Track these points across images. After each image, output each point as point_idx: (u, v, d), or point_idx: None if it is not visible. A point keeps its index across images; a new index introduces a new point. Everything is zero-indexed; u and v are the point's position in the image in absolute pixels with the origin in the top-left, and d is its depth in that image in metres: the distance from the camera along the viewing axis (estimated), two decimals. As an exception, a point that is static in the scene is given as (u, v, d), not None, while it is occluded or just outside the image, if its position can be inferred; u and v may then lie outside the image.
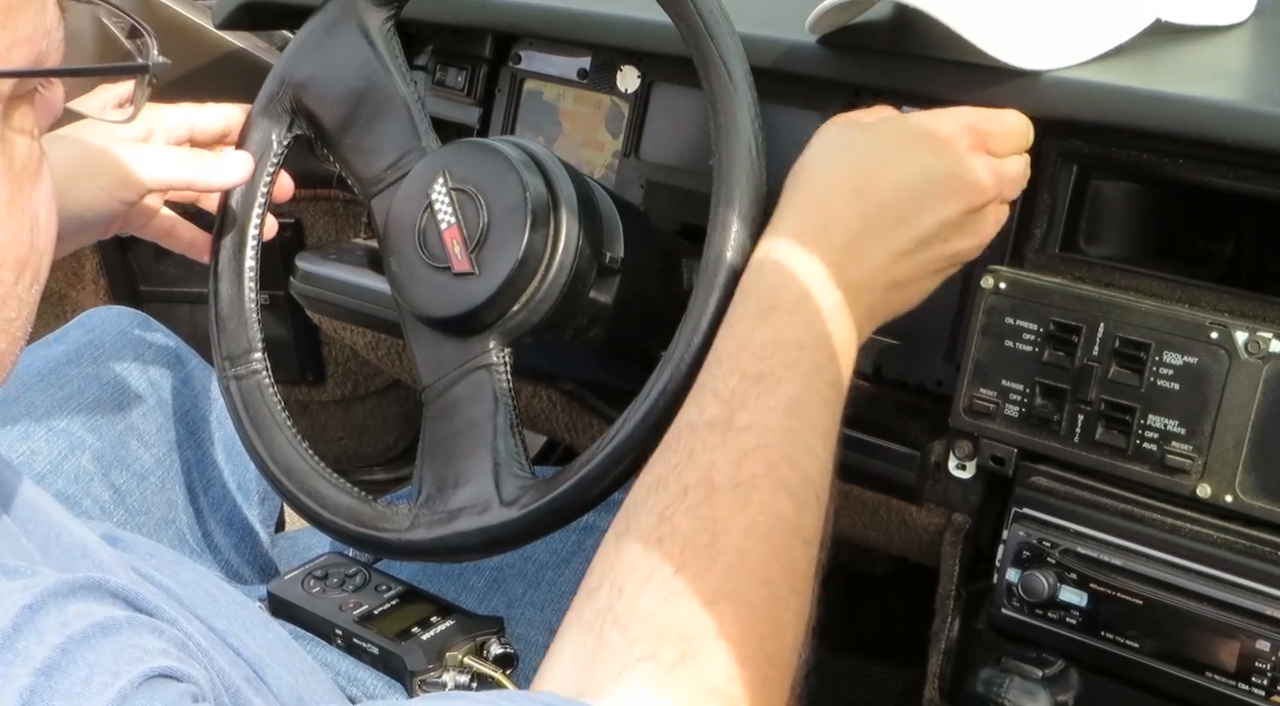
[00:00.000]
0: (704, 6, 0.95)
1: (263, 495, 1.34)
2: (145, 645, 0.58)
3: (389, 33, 1.15)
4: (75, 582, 0.58)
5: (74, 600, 0.58)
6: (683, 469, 0.80)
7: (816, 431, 0.84)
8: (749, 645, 0.74)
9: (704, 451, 0.81)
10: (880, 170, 0.91)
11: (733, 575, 0.76)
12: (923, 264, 0.93)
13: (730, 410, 0.82)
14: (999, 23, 0.99)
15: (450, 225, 1.05)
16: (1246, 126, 0.93)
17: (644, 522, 0.78)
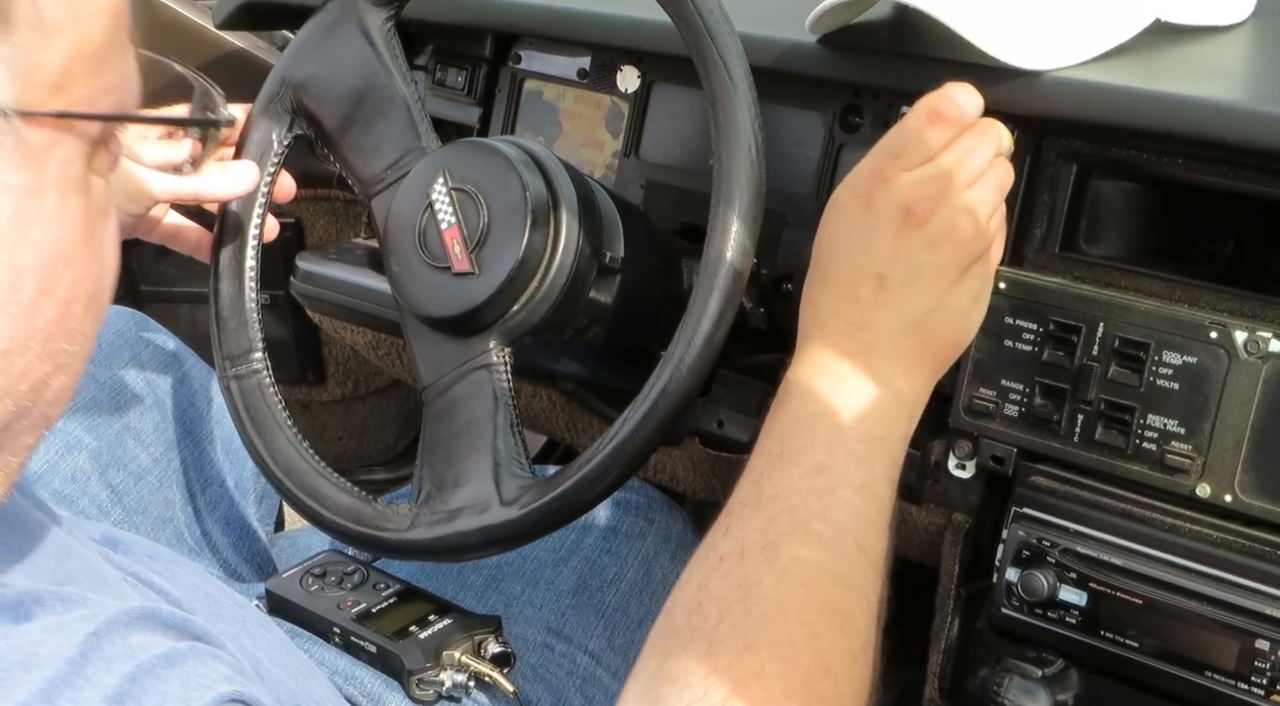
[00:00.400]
0: (704, 6, 0.95)
1: (260, 494, 1.35)
2: (210, 673, 0.60)
3: (389, 33, 1.15)
4: (132, 613, 0.60)
5: (134, 630, 0.60)
6: (719, 543, 0.84)
7: (849, 486, 0.86)
8: (795, 682, 0.76)
9: (737, 525, 0.85)
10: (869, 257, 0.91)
11: (770, 621, 0.79)
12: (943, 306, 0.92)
13: (759, 488, 0.86)
14: (999, 23, 0.99)
15: (450, 225, 1.05)
16: (1246, 126, 0.93)
17: (685, 594, 0.83)
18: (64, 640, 0.57)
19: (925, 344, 0.92)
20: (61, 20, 0.53)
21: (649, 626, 1.19)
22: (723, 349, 0.94)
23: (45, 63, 0.53)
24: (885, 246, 0.91)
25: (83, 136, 0.56)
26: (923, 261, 0.91)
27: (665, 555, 1.26)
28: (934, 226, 0.91)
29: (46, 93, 0.53)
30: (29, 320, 0.56)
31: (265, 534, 1.35)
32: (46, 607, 0.59)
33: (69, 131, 0.55)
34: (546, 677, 1.13)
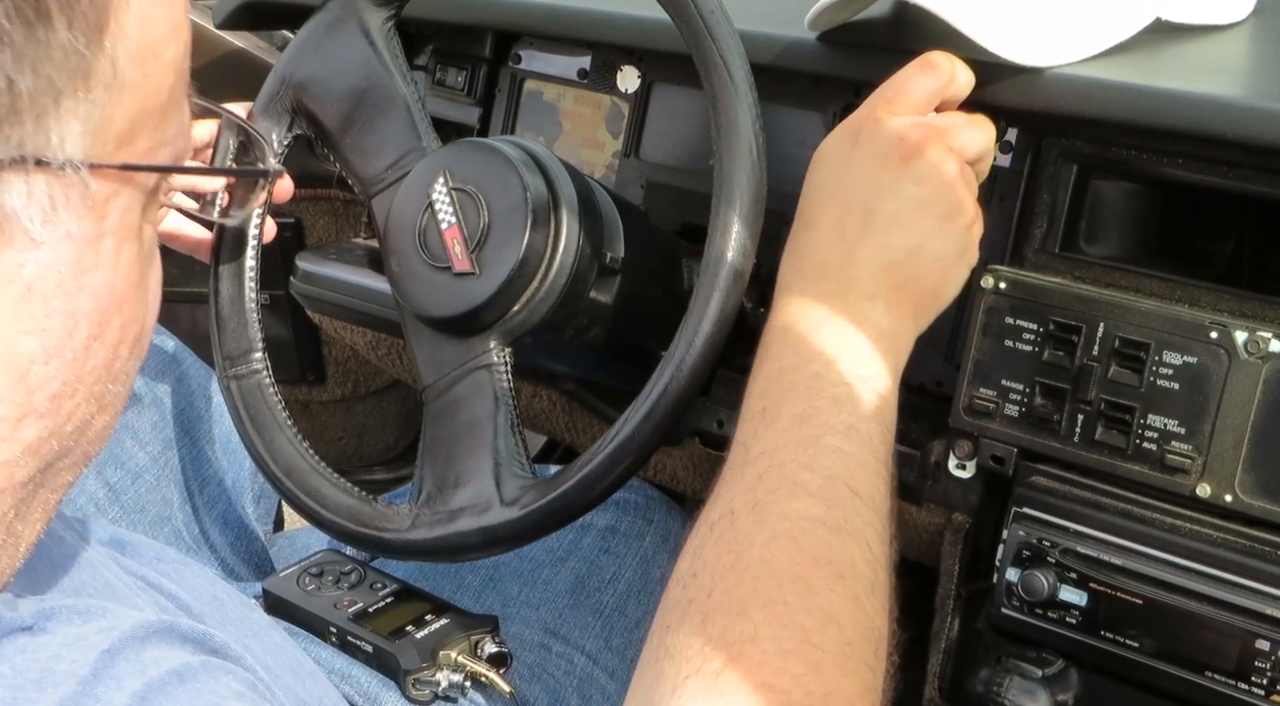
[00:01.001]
0: (704, 6, 0.95)
1: (258, 493, 1.35)
2: (220, 690, 0.60)
3: (389, 33, 1.15)
4: (150, 626, 0.61)
5: (150, 645, 0.60)
6: (710, 510, 0.84)
7: (835, 431, 0.85)
8: (792, 639, 0.75)
9: (725, 489, 0.84)
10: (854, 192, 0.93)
11: (762, 583, 0.78)
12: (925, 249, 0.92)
13: (745, 448, 0.86)
14: (999, 19, 0.99)
15: (451, 225, 1.05)
16: (1246, 122, 0.93)
17: (681, 566, 0.82)
18: (79, 656, 0.57)
19: (904, 285, 0.92)
20: (134, 78, 0.55)
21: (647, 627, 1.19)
22: (723, 349, 0.94)
23: (115, 118, 0.54)
24: (873, 178, 0.91)
25: (141, 187, 0.58)
26: (910, 194, 0.91)
27: (664, 555, 1.26)
28: (923, 162, 0.92)
29: (113, 146, 0.55)
30: (81, 364, 0.57)
31: (263, 533, 1.35)
32: (63, 621, 0.60)
33: (130, 183, 0.57)
34: (543, 677, 1.13)
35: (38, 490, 0.59)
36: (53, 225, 0.54)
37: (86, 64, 0.52)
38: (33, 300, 0.54)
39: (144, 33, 0.54)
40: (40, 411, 0.56)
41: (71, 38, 0.51)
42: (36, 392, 0.56)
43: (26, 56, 0.50)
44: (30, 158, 0.52)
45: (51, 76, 0.51)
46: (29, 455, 0.57)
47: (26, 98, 0.51)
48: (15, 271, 0.53)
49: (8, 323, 0.54)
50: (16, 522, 0.59)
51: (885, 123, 0.93)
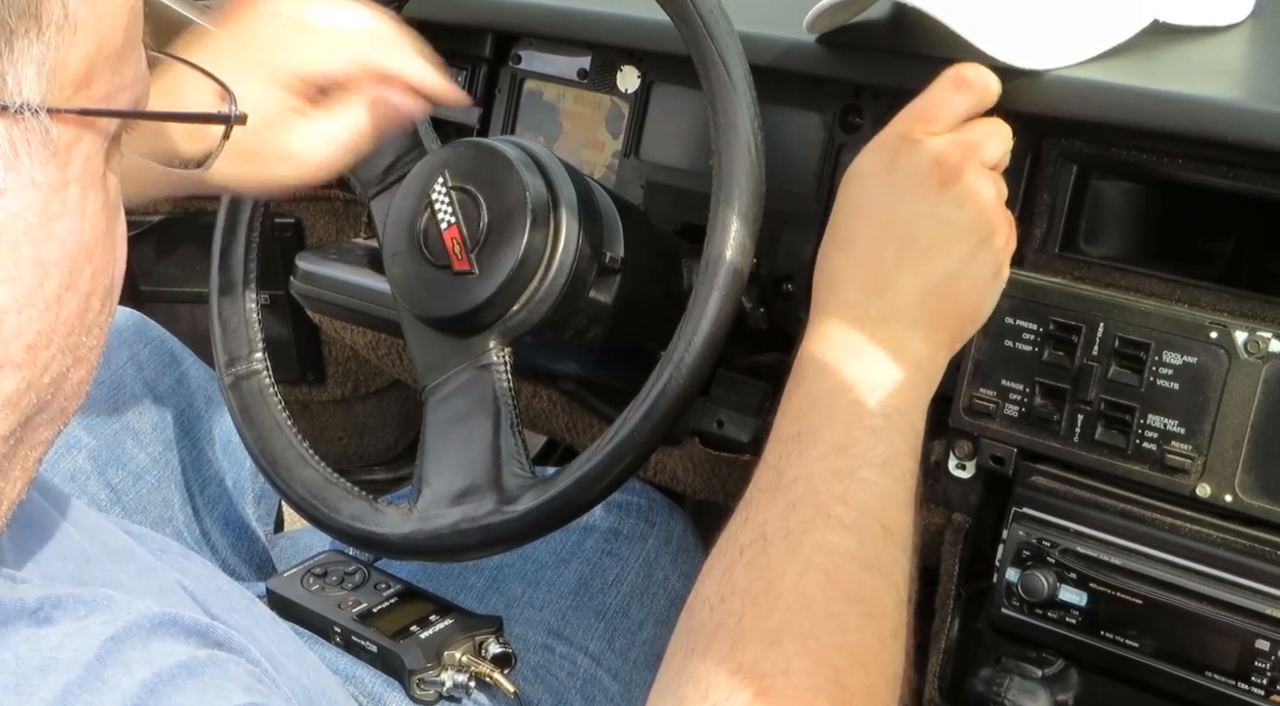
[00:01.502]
0: (703, 6, 0.95)
1: (259, 494, 1.35)
2: (228, 684, 0.60)
3: (389, 33, 1.15)
4: (154, 618, 0.60)
5: (155, 636, 0.60)
6: (739, 532, 0.83)
7: (871, 465, 0.85)
8: (822, 677, 0.75)
9: (757, 513, 0.84)
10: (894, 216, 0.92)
11: (794, 615, 0.77)
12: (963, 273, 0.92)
13: (778, 473, 0.85)
14: (997, 22, 0.99)
15: (450, 225, 1.05)
16: (1245, 124, 0.93)
17: (707, 588, 0.82)
18: (83, 644, 0.57)
19: (943, 311, 0.92)
20: (86, 19, 0.54)
21: (650, 629, 1.19)
22: (723, 349, 0.95)
23: (70, 61, 0.54)
24: (912, 205, 0.91)
25: (102, 133, 0.58)
26: (949, 219, 0.91)
27: (666, 557, 1.26)
28: (962, 185, 0.91)
29: (71, 90, 0.55)
30: (54, 314, 0.57)
31: (264, 534, 1.35)
32: (68, 611, 0.60)
33: (90, 128, 0.56)
34: (547, 679, 1.13)
35: (18, 446, 0.59)
36: (15, 171, 0.54)
37: (36, 3, 0.52)
38: (1, 248, 0.54)
39: None
40: (16, 362, 0.56)
41: None
42: (11, 343, 0.56)
43: None
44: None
45: (4, 17, 0.51)
46: (8, 408, 0.57)
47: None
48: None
49: None
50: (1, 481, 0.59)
51: (921, 144, 0.92)
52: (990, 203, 0.93)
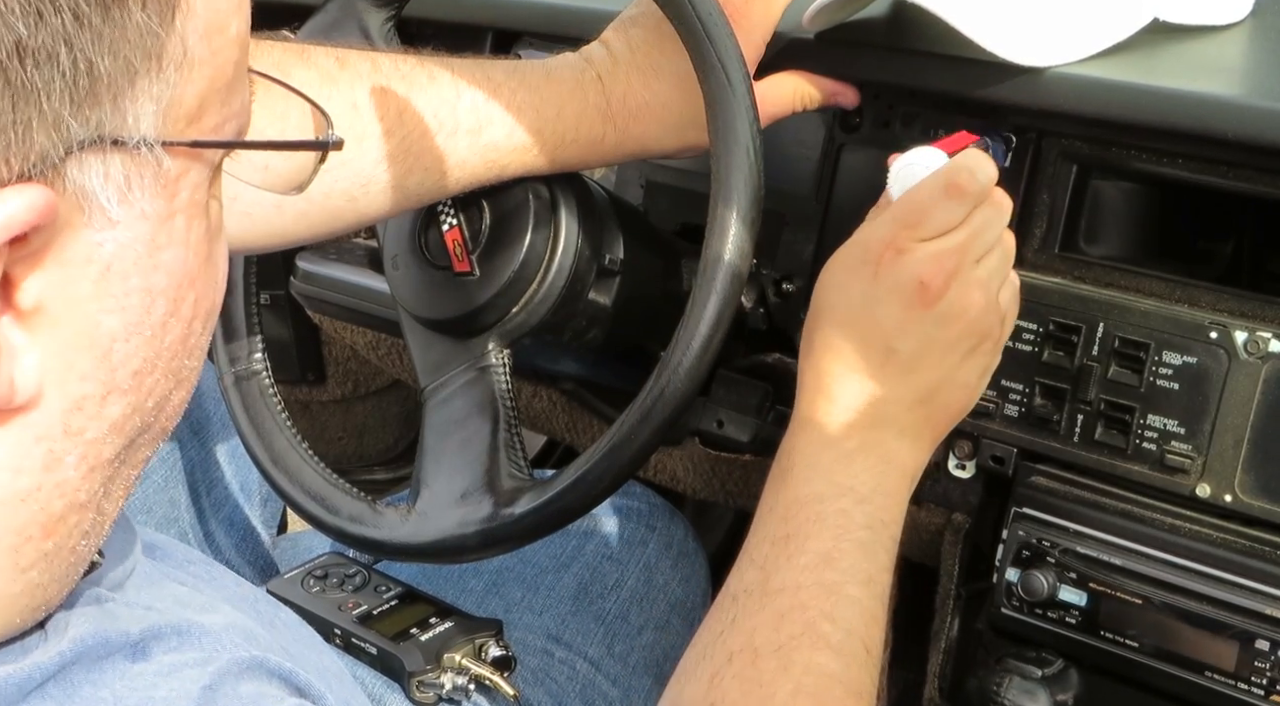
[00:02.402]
0: (702, 8, 0.95)
1: (265, 496, 1.35)
2: None
3: (389, 33, 1.15)
4: (244, 662, 0.63)
5: (245, 680, 0.62)
6: (727, 636, 0.83)
7: (856, 581, 0.85)
8: None
9: (745, 617, 0.84)
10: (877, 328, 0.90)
11: None
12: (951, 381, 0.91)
13: (764, 575, 0.85)
14: (997, 19, 0.99)
15: (451, 226, 1.05)
16: (1245, 121, 0.93)
17: (694, 690, 0.82)
18: (178, 686, 0.59)
19: (930, 418, 0.91)
20: (202, 55, 0.55)
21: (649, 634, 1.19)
22: (722, 349, 0.94)
23: (185, 96, 0.55)
24: (894, 319, 0.88)
25: (208, 163, 0.59)
26: (932, 337, 0.89)
27: (666, 562, 1.26)
28: (946, 303, 0.88)
29: (184, 124, 0.56)
30: (159, 340, 0.58)
31: (268, 536, 1.35)
32: (163, 643, 0.62)
33: (198, 160, 0.57)
34: (546, 683, 1.13)
35: (121, 467, 0.61)
36: (128, 204, 0.55)
37: (160, 44, 0.53)
38: (112, 279, 0.55)
39: (210, 9, 0.55)
40: (123, 388, 0.58)
41: (145, 18, 0.52)
42: (119, 370, 0.57)
43: (105, 38, 0.51)
44: (107, 138, 0.53)
45: (128, 57, 0.52)
46: (115, 432, 0.58)
47: (105, 79, 0.52)
48: (95, 250, 0.54)
49: (89, 302, 0.55)
50: (104, 501, 0.60)
51: (906, 256, 0.89)
52: (979, 312, 0.89)
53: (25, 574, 0.57)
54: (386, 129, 0.99)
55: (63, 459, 0.57)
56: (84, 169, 0.53)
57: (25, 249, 0.52)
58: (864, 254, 0.90)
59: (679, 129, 1.05)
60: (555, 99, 1.02)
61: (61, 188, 0.52)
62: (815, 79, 1.10)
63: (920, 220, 0.89)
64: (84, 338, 0.55)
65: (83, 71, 0.51)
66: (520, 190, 1.03)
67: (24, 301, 0.53)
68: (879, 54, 1.10)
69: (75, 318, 0.55)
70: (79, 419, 0.56)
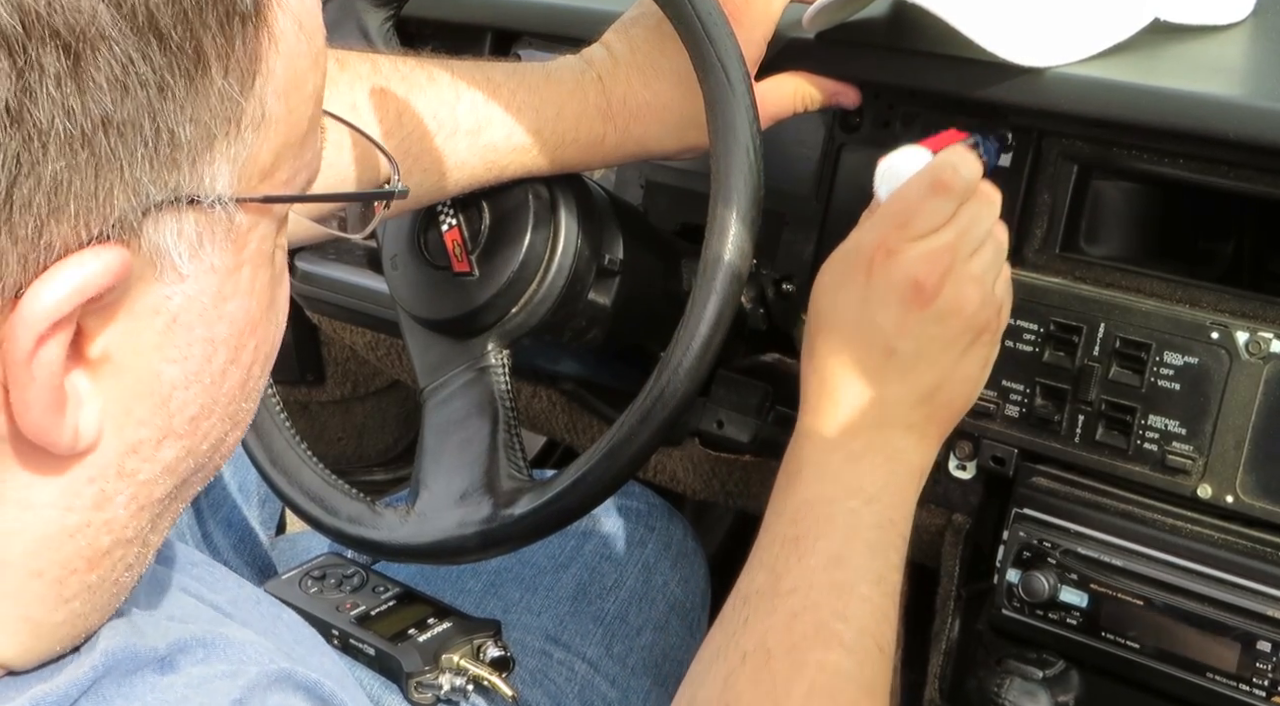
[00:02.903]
0: (702, 7, 0.95)
1: (264, 497, 1.34)
2: None
3: (388, 33, 1.15)
4: (271, 675, 0.64)
5: (273, 693, 0.63)
6: (740, 637, 0.84)
7: (867, 580, 0.85)
8: None
9: (757, 619, 0.84)
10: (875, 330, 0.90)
11: None
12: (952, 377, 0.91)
13: (775, 576, 0.85)
14: (997, 19, 0.98)
15: (451, 226, 1.04)
16: (1246, 121, 0.92)
17: (708, 692, 0.82)
18: (209, 700, 0.60)
19: (935, 414, 0.91)
20: (279, 114, 0.56)
21: (648, 634, 1.18)
22: (722, 349, 0.94)
23: (261, 155, 0.55)
24: (892, 321, 0.88)
25: (277, 215, 0.59)
26: (931, 335, 0.89)
27: (665, 563, 1.25)
28: (942, 300, 0.88)
29: (257, 180, 0.56)
30: (218, 387, 0.59)
31: (266, 537, 1.34)
32: (191, 655, 0.62)
33: (268, 213, 0.58)
34: (544, 683, 1.12)
35: (171, 503, 0.61)
36: (199, 259, 0.55)
37: (239, 108, 0.53)
38: (177, 330, 0.56)
39: (289, 70, 0.55)
40: (179, 433, 0.58)
41: (227, 85, 0.52)
42: (176, 416, 0.57)
43: (187, 107, 0.51)
44: (184, 198, 0.53)
45: (208, 123, 0.52)
46: (167, 474, 0.59)
47: (185, 146, 0.52)
48: (163, 303, 0.55)
49: (152, 352, 0.55)
50: (151, 534, 0.61)
51: (899, 257, 0.89)
52: (975, 308, 0.90)
53: (68, 604, 0.58)
54: (386, 130, 0.98)
55: (113, 498, 0.57)
56: (159, 228, 0.53)
57: (98, 303, 0.52)
58: (857, 258, 0.91)
59: (679, 129, 1.05)
60: (555, 99, 1.02)
61: (137, 247, 0.52)
62: (816, 79, 1.10)
63: (909, 219, 0.89)
64: (145, 386, 0.56)
65: (164, 140, 0.51)
66: (520, 190, 1.03)
67: (93, 352, 0.53)
68: (879, 54, 1.10)
69: (139, 367, 0.55)
70: (133, 461, 0.57)
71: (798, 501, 0.88)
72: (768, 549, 0.87)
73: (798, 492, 0.88)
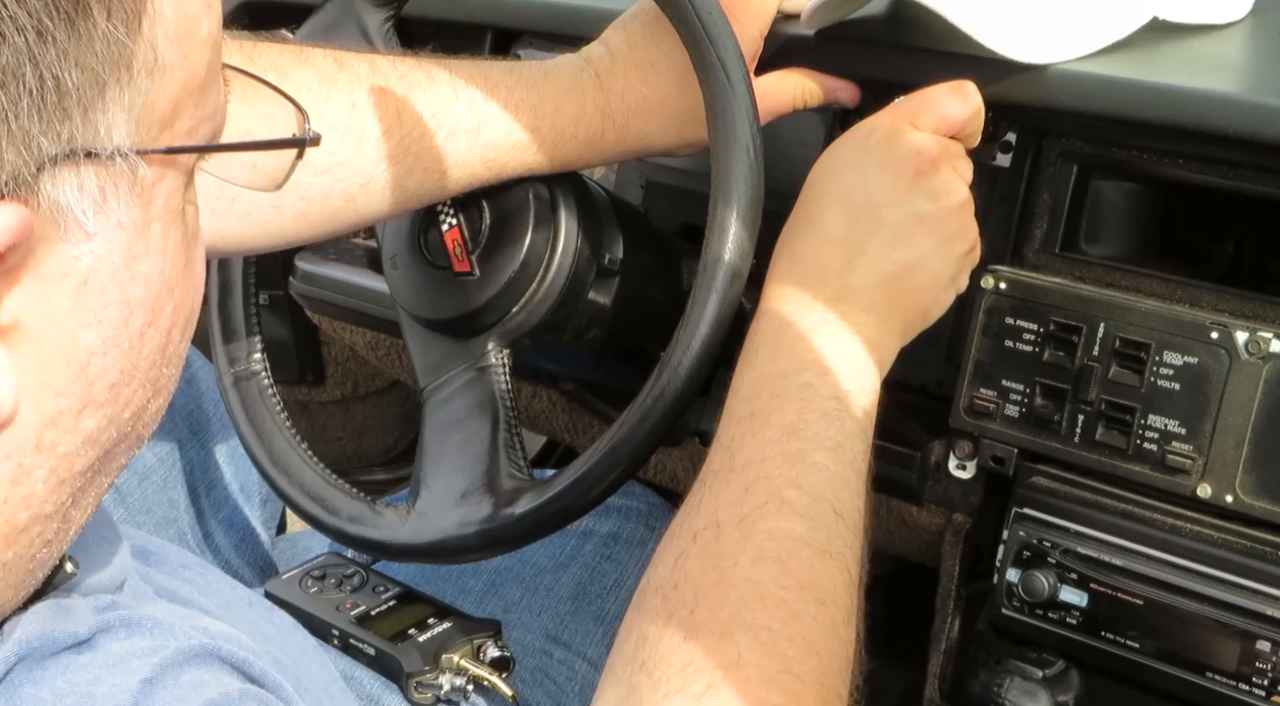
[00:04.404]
0: (702, 7, 0.95)
1: (265, 497, 1.34)
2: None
3: (388, 32, 1.15)
4: (191, 651, 0.61)
5: (188, 670, 0.60)
6: (692, 517, 0.83)
7: (823, 448, 0.84)
8: (775, 668, 0.75)
9: (710, 497, 0.83)
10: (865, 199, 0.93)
11: (747, 606, 0.77)
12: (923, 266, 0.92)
13: (730, 454, 0.85)
14: (998, 16, 0.98)
15: (451, 226, 1.04)
16: (1245, 117, 0.92)
17: (660, 573, 0.81)
18: (120, 680, 0.58)
19: (898, 299, 0.92)
20: (173, 60, 0.54)
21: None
22: (722, 349, 0.94)
23: (158, 102, 0.54)
24: (885, 190, 0.91)
25: (183, 168, 0.57)
26: (919, 210, 0.91)
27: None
28: (937, 179, 0.92)
29: (157, 130, 0.55)
30: (136, 352, 0.57)
31: (267, 536, 1.34)
32: (112, 634, 0.60)
33: (173, 165, 0.56)
34: (545, 683, 1.12)
35: (95, 476, 0.60)
36: (104, 215, 0.53)
37: (128, 52, 0.52)
38: (89, 292, 0.54)
39: (179, 12, 0.54)
40: (100, 401, 0.57)
41: (111, 27, 0.51)
42: (96, 384, 0.56)
43: (70, 52, 0.50)
44: (80, 151, 0.52)
45: (96, 69, 0.51)
46: (89, 445, 0.57)
47: (73, 93, 0.50)
48: (71, 265, 0.53)
49: (66, 317, 0.54)
50: (72, 509, 0.59)
51: (905, 134, 0.93)
52: (962, 203, 0.94)
53: None
54: (385, 129, 0.98)
55: (31, 473, 0.55)
56: (58, 183, 0.51)
57: (1, 267, 0.51)
58: (861, 134, 0.95)
59: (679, 124, 1.05)
60: (553, 96, 1.02)
61: (36, 204, 0.51)
62: (815, 76, 1.10)
63: (923, 110, 0.95)
64: (61, 353, 0.54)
65: (50, 88, 0.50)
66: (520, 190, 1.03)
67: (2, 320, 0.52)
68: (879, 51, 1.10)
69: (52, 333, 0.54)
70: (52, 433, 0.55)
71: (752, 378, 0.88)
72: (725, 429, 0.87)
73: (753, 369, 0.88)
